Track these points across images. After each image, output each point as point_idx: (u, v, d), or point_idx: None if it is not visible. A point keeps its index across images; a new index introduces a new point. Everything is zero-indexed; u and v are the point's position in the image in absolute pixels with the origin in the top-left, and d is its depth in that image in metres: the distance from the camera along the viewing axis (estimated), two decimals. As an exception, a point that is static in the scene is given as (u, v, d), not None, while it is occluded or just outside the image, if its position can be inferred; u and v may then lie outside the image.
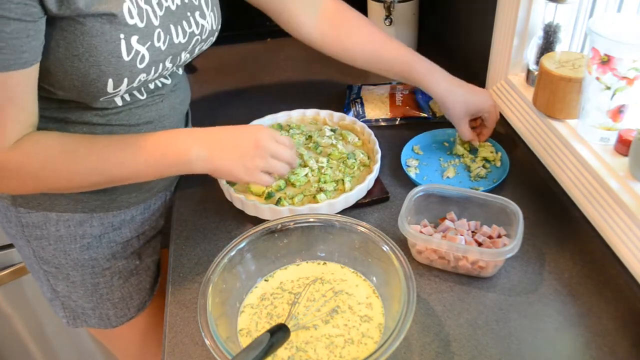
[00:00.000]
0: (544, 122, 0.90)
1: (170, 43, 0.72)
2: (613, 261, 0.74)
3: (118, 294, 0.92)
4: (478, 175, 0.90)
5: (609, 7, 0.87)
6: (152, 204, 0.92)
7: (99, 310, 0.93)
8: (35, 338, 1.37)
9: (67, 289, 0.90)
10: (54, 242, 0.84)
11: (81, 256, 0.86)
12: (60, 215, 0.82)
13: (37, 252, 0.86)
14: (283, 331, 0.61)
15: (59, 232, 0.83)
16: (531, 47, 0.94)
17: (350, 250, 0.73)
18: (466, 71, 1.18)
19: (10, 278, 1.22)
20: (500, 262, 0.73)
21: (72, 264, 0.87)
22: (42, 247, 0.85)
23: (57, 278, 0.89)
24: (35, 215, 0.82)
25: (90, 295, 0.91)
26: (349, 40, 0.93)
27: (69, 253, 0.86)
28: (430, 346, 0.67)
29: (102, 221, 0.85)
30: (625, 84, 0.74)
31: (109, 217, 0.86)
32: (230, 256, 0.68)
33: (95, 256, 0.87)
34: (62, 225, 0.83)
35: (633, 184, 0.74)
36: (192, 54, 0.79)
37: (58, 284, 0.90)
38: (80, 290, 0.90)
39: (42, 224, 0.82)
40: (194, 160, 0.72)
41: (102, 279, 0.90)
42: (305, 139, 0.96)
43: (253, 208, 0.83)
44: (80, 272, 0.88)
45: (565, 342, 0.66)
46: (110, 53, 0.65)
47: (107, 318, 0.94)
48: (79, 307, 0.92)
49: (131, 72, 0.68)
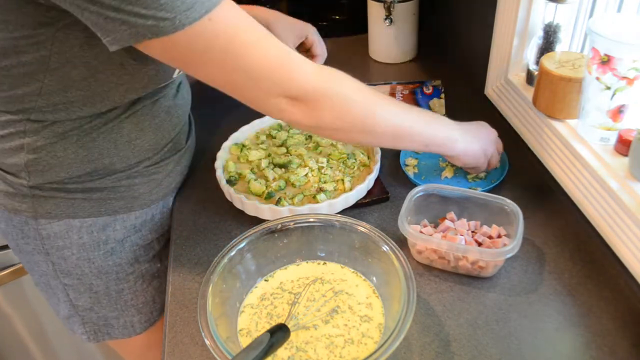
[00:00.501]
0: (544, 122, 0.90)
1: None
2: (613, 261, 0.74)
3: (142, 299, 0.92)
4: (477, 176, 0.90)
5: (609, 7, 0.87)
6: (169, 202, 0.92)
7: (124, 318, 0.93)
8: (35, 338, 1.37)
9: (90, 301, 0.90)
10: (77, 250, 0.84)
11: (105, 262, 0.86)
12: (83, 221, 0.82)
13: (58, 265, 0.85)
14: (283, 331, 0.61)
15: (81, 239, 0.83)
16: (531, 47, 0.94)
17: (350, 250, 0.73)
18: (466, 71, 1.19)
19: (10, 278, 1.22)
20: (500, 262, 0.73)
21: (96, 272, 0.87)
22: (64, 258, 0.84)
23: (79, 291, 0.88)
24: (57, 225, 0.81)
25: (115, 304, 0.91)
26: None
27: (93, 261, 0.85)
28: (430, 346, 0.67)
29: (125, 224, 0.85)
30: (625, 84, 0.74)
31: (131, 219, 0.86)
32: (230, 256, 0.68)
33: (119, 261, 0.87)
34: (84, 231, 0.83)
35: (633, 184, 0.74)
36: None
37: (79, 298, 0.89)
38: (104, 300, 0.90)
39: (65, 232, 0.82)
40: (457, 138, 0.79)
41: (126, 285, 0.90)
42: (305, 139, 0.96)
43: (253, 208, 0.83)
44: (104, 280, 0.88)
45: (565, 342, 0.66)
46: None
47: (132, 325, 0.94)
48: (102, 318, 0.92)
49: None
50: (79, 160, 0.76)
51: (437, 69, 1.25)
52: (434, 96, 1.09)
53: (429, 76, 1.21)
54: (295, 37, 1.01)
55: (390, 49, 1.27)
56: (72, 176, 0.77)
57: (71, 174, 0.77)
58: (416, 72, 1.25)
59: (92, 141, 0.75)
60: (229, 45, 0.60)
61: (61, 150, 0.75)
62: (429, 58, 1.30)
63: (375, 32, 1.27)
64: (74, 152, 0.75)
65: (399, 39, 1.25)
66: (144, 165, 0.82)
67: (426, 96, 1.08)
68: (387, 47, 1.27)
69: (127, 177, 0.81)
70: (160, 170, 0.85)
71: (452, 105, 1.07)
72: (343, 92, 0.69)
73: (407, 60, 1.29)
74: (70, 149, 0.75)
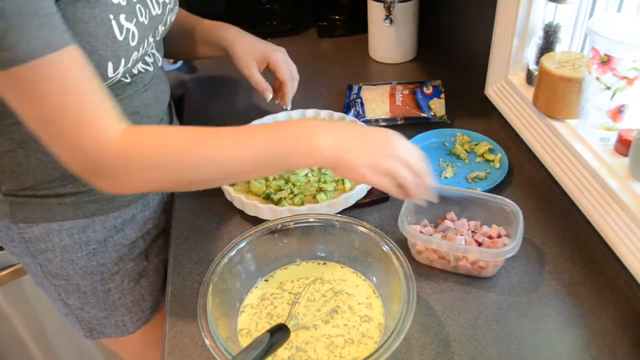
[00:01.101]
0: (544, 122, 0.90)
1: (150, 16, 0.73)
2: (613, 261, 0.74)
3: (130, 298, 0.92)
4: (477, 177, 0.90)
5: (609, 7, 0.87)
6: (150, 200, 0.91)
7: (114, 317, 0.92)
8: (35, 338, 1.37)
9: (79, 301, 0.90)
10: (60, 253, 0.84)
11: (89, 263, 0.86)
12: (62, 224, 0.81)
13: (45, 267, 0.85)
14: (283, 331, 0.61)
15: (62, 242, 0.83)
16: (531, 47, 0.94)
17: (350, 250, 0.73)
18: (466, 71, 1.19)
19: (10, 278, 1.22)
20: (500, 262, 0.73)
21: (81, 273, 0.86)
22: (49, 260, 0.84)
23: (68, 291, 0.88)
24: (36, 228, 0.81)
25: (103, 304, 0.90)
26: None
27: (76, 262, 0.85)
28: (430, 346, 0.67)
29: (105, 224, 0.85)
30: (625, 84, 0.74)
31: (111, 220, 0.85)
32: (230, 256, 0.68)
33: (102, 261, 0.87)
34: (65, 234, 0.82)
35: (633, 184, 0.74)
36: (165, 25, 0.80)
37: (70, 297, 0.89)
38: (92, 300, 0.90)
39: (45, 236, 0.82)
40: (320, 147, 0.62)
41: (112, 284, 0.89)
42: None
43: (253, 208, 0.83)
44: (90, 280, 0.88)
45: (565, 342, 0.66)
46: (105, 35, 0.64)
47: (123, 325, 0.94)
48: (94, 318, 0.92)
49: (126, 51, 0.68)
50: (43, 166, 0.75)
51: (437, 69, 1.25)
52: (434, 96, 1.09)
53: (429, 76, 1.21)
54: (257, 60, 0.95)
55: (390, 49, 1.27)
56: (41, 182, 0.77)
57: (39, 180, 0.77)
58: (416, 72, 1.25)
59: None
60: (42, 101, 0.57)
61: (24, 157, 0.74)
62: (429, 58, 1.30)
63: (375, 32, 1.27)
64: (37, 159, 0.74)
65: (399, 39, 1.25)
66: None
67: (426, 96, 1.08)
68: (387, 47, 1.27)
69: None
70: None
71: (452, 105, 1.07)
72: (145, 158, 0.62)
73: (407, 60, 1.29)
74: (33, 155, 0.74)
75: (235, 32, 0.96)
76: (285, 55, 0.96)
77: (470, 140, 0.98)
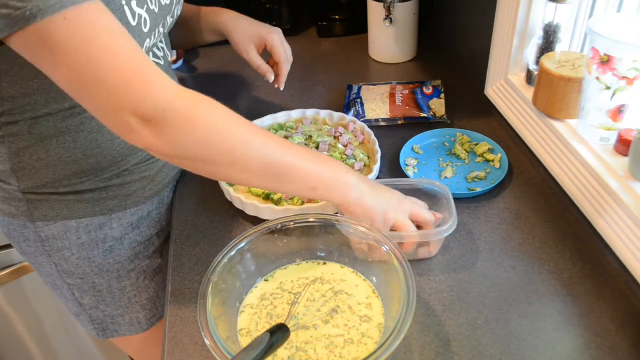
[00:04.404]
0: (544, 122, 0.90)
1: (160, 5, 0.73)
2: (613, 261, 0.74)
3: (146, 295, 0.93)
4: (477, 177, 0.90)
5: (609, 7, 0.87)
6: (165, 197, 0.92)
7: (129, 315, 0.93)
8: (35, 338, 1.37)
9: (94, 300, 0.90)
10: (77, 250, 0.84)
11: (105, 261, 0.86)
12: (80, 221, 0.82)
13: (60, 266, 0.86)
14: (283, 331, 0.61)
15: (80, 239, 0.83)
16: (531, 47, 0.94)
17: (350, 250, 0.73)
18: (466, 71, 1.19)
19: (10, 278, 1.22)
20: (441, 241, 0.76)
21: (97, 271, 0.87)
22: (65, 259, 0.85)
23: (83, 290, 0.89)
24: (54, 226, 0.81)
25: (119, 301, 0.91)
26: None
27: (93, 260, 0.86)
28: (430, 346, 0.67)
29: (121, 222, 0.85)
30: (625, 84, 0.75)
31: (127, 217, 0.86)
32: (230, 256, 0.68)
33: (119, 259, 0.87)
34: (82, 232, 0.83)
35: (633, 184, 0.74)
36: (173, 17, 0.80)
37: (84, 296, 0.89)
38: (108, 298, 0.90)
39: (63, 234, 0.82)
40: (351, 183, 0.69)
41: (128, 282, 0.90)
42: (305, 140, 0.96)
43: (253, 208, 0.83)
44: (107, 279, 0.88)
45: (565, 342, 0.66)
46: (120, 20, 0.63)
47: (138, 322, 0.94)
48: (108, 316, 0.92)
49: (140, 37, 0.69)
50: (63, 162, 0.76)
51: (437, 69, 1.25)
52: (434, 96, 1.09)
53: (429, 76, 1.21)
54: (255, 43, 0.97)
55: (390, 49, 1.27)
56: (60, 178, 0.77)
57: (58, 176, 0.77)
58: (416, 72, 1.25)
59: (73, 142, 0.75)
60: (82, 48, 0.54)
61: (43, 153, 0.75)
62: (429, 58, 1.30)
63: (375, 32, 1.27)
64: (57, 154, 0.75)
65: (399, 39, 1.25)
66: (133, 163, 0.82)
67: (426, 96, 1.08)
68: (387, 47, 1.27)
69: (117, 177, 0.81)
70: (151, 167, 0.85)
71: (452, 105, 1.08)
72: (208, 117, 0.61)
73: (407, 60, 1.29)
74: (53, 150, 0.75)
75: (232, 16, 0.98)
76: (281, 37, 0.98)
77: (470, 140, 0.98)
